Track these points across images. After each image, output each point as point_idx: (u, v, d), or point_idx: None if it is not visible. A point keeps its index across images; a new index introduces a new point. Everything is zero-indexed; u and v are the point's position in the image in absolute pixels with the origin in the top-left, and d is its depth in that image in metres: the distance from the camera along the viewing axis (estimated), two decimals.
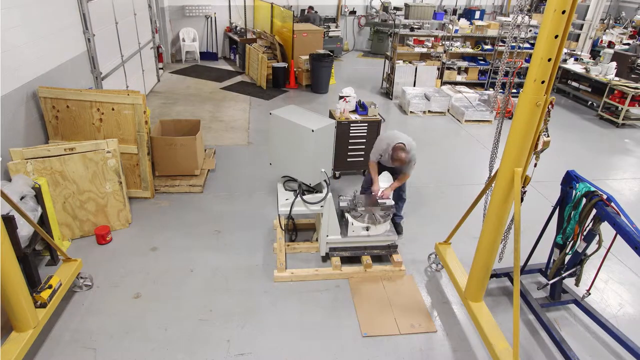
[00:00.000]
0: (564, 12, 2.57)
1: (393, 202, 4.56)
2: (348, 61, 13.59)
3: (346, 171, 6.37)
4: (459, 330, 3.84)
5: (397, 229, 5.08)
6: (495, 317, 3.55)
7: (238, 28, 12.81)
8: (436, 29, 11.41)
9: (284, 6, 11.40)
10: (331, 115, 6.10)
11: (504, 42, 10.13)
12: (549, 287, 4.04)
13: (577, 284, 3.85)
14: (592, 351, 3.68)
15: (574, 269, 3.76)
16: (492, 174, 3.56)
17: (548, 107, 2.93)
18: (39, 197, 3.99)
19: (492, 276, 4.15)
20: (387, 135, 4.68)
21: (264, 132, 7.78)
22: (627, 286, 4.46)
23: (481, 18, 12.77)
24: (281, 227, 4.44)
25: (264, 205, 5.51)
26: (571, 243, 3.67)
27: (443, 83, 10.44)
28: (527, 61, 10.23)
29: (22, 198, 3.79)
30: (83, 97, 4.86)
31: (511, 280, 4.30)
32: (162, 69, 10.91)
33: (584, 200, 3.44)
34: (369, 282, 4.30)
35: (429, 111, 9.17)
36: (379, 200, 4.47)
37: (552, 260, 3.98)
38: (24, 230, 3.66)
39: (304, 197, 4.15)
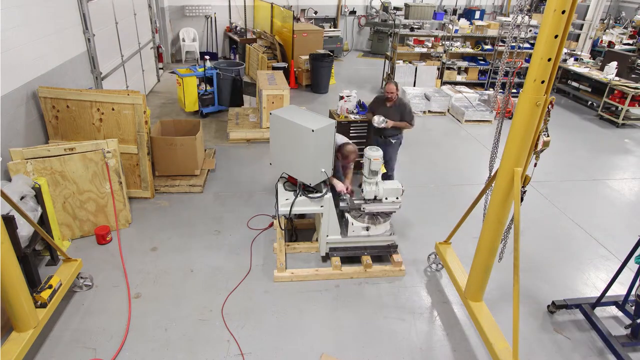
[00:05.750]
0: (564, 12, 2.57)
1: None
2: (348, 61, 13.58)
3: None
4: (459, 330, 3.84)
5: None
6: (495, 317, 3.55)
7: (238, 28, 12.81)
8: (436, 29, 11.41)
9: (284, 6, 11.40)
10: (331, 115, 6.10)
11: (504, 42, 10.12)
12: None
13: None
14: None
15: None
16: (492, 174, 3.56)
17: (548, 107, 2.93)
18: (39, 197, 3.99)
19: (561, 307, 3.92)
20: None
21: None
22: (626, 286, 4.44)
23: (481, 18, 12.77)
24: (281, 227, 4.44)
25: (264, 205, 5.51)
26: None
27: (443, 83, 10.44)
28: (527, 61, 10.23)
29: (22, 198, 3.79)
30: (83, 97, 4.86)
31: (584, 313, 3.99)
32: (162, 69, 10.90)
33: None
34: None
35: (429, 111, 9.17)
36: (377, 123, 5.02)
37: (634, 292, 3.60)
38: (24, 230, 3.66)
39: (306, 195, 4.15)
